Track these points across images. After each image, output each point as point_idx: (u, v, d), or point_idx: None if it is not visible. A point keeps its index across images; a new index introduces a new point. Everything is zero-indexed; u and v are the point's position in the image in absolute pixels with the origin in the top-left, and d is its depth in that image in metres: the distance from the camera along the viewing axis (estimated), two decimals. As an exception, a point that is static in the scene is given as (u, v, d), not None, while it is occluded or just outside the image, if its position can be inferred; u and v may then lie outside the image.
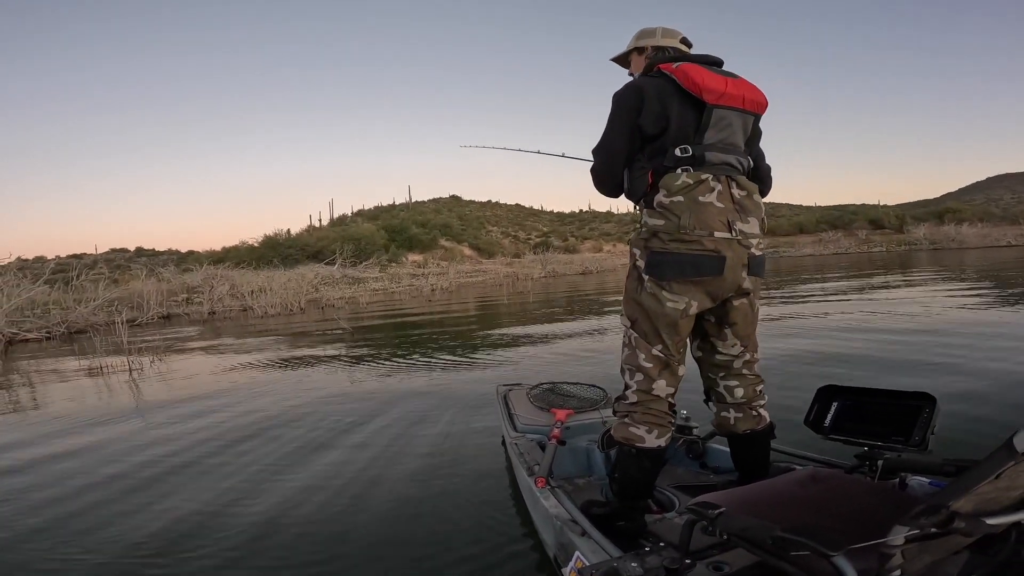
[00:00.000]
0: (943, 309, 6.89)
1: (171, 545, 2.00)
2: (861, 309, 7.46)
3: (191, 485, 2.58)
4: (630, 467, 1.53)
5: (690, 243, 1.43)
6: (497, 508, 2.15)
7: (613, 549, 1.29)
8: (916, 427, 1.43)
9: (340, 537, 2.00)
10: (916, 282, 11.15)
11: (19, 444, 3.51)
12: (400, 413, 3.63)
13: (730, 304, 1.53)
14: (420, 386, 4.48)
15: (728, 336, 1.59)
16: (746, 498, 1.25)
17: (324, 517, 2.17)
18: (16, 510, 2.42)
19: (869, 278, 12.98)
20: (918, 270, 14.79)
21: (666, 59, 1.58)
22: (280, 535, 2.03)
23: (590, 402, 2.58)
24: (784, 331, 5.99)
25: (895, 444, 1.46)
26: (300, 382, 4.95)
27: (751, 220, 1.50)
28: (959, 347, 4.54)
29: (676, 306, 1.46)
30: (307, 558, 1.87)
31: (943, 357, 4.23)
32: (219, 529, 2.10)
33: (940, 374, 3.74)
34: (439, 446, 2.94)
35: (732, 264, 1.45)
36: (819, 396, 1.73)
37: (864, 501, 1.24)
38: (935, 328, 5.57)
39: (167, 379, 5.59)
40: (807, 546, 0.87)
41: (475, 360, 5.60)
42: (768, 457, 1.72)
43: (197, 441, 3.28)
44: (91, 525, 2.20)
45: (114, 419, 3.97)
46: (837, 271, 16.52)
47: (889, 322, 6.14)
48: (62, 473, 2.87)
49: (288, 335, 9.12)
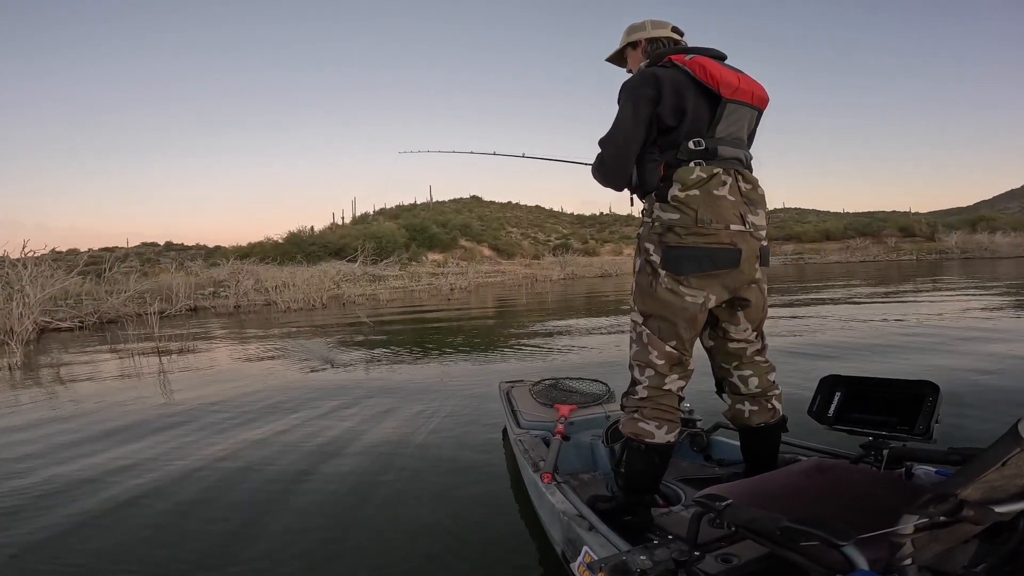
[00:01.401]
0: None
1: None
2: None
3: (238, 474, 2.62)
4: (638, 462, 1.52)
5: (707, 236, 1.43)
6: (499, 504, 2.16)
7: (621, 543, 1.29)
8: (920, 416, 1.42)
9: (344, 527, 2.02)
10: (925, 291, 10.82)
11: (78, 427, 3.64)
12: (404, 408, 3.66)
13: (742, 288, 1.53)
14: (429, 380, 4.54)
15: (741, 320, 1.58)
16: (752, 490, 1.25)
17: (327, 511, 2.16)
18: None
19: (879, 286, 12.62)
20: (937, 279, 14.24)
21: (675, 51, 1.58)
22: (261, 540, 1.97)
23: (593, 397, 2.58)
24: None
25: (899, 433, 1.45)
26: (309, 375, 5.05)
27: (759, 212, 1.52)
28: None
29: (695, 300, 1.46)
30: (306, 547, 1.88)
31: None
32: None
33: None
34: (440, 440, 2.95)
35: (747, 256, 1.46)
36: (822, 386, 1.71)
37: (871, 491, 1.23)
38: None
39: (195, 368, 5.76)
40: (816, 536, 0.87)
41: (486, 355, 5.66)
42: (777, 450, 1.71)
43: (225, 418, 3.40)
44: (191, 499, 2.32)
45: (152, 411, 4.10)
46: (844, 280, 15.91)
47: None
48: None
49: (309, 327, 9.31)
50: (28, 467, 2.79)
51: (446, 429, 3.13)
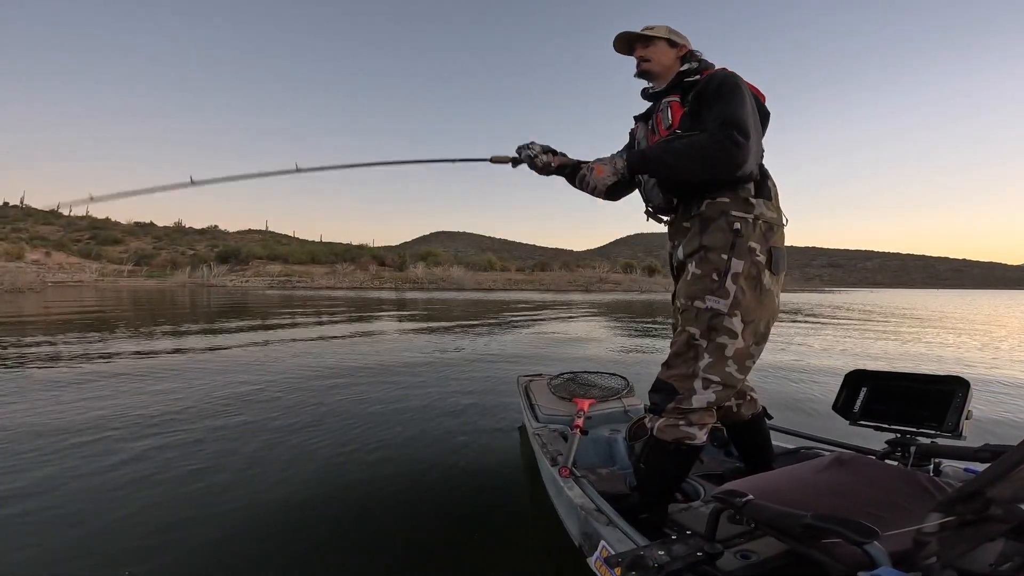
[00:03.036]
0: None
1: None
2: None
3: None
4: (669, 463, 1.50)
5: (783, 237, 1.52)
6: (517, 497, 2.17)
7: (639, 538, 1.29)
8: (949, 412, 1.40)
9: (364, 512, 2.02)
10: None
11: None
12: (419, 398, 3.72)
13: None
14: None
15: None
16: (772, 485, 1.24)
17: (346, 495, 2.17)
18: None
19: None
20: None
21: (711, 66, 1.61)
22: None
23: (612, 391, 2.57)
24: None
25: (927, 430, 1.43)
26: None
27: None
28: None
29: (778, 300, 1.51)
30: (333, 528, 1.90)
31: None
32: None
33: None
34: (456, 434, 2.97)
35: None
36: (847, 381, 1.70)
37: (896, 487, 1.22)
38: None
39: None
40: (839, 533, 0.86)
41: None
42: (770, 438, 1.75)
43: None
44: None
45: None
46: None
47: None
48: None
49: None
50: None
51: (461, 423, 3.16)
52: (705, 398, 1.45)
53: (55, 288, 28.25)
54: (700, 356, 1.45)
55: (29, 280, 26.25)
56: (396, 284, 39.51)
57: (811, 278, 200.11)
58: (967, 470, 1.39)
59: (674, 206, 1.63)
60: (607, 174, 1.57)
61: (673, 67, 1.65)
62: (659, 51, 1.66)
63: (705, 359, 1.45)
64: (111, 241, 67.04)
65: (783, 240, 1.52)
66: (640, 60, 1.69)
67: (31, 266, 37.45)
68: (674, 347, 1.52)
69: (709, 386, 1.44)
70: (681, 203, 1.60)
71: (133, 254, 57.56)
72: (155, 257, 57.50)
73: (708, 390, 1.45)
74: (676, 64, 1.65)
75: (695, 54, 1.66)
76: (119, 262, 51.71)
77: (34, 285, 25.69)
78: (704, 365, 1.45)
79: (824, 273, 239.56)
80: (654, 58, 1.66)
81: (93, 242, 64.82)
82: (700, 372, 1.45)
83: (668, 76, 1.65)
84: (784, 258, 1.50)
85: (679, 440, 1.47)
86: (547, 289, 39.89)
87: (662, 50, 1.66)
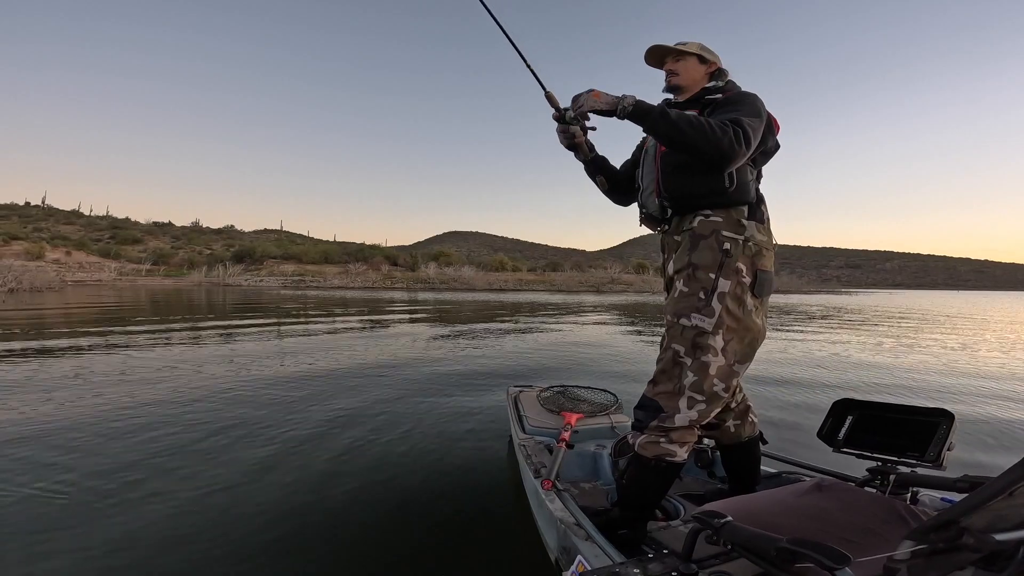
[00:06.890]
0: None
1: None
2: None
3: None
4: (650, 479, 1.49)
5: (772, 261, 1.51)
6: (498, 508, 2.14)
7: (616, 555, 1.27)
8: (932, 443, 1.42)
9: (342, 522, 2.00)
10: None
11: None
12: (403, 406, 3.72)
13: None
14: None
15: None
16: (751, 507, 1.23)
17: (324, 504, 2.15)
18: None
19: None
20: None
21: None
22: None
23: (600, 407, 2.56)
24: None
25: (909, 459, 1.45)
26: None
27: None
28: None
29: (762, 322, 1.50)
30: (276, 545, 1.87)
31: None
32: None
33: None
34: (446, 444, 2.95)
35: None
36: (834, 409, 1.72)
37: (872, 514, 1.21)
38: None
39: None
40: (812, 558, 0.85)
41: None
42: (760, 462, 1.75)
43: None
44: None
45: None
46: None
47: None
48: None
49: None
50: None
51: (443, 429, 3.16)
52: (688, 417, 1.44)
53: (74, 287, 28.90)
54: (685, 374, 1.45)
55: (49, 279, 26.93)
56: (408, 284, 40.33)
57: (828, 279, 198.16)
58: (944, 499, 1.39)
59: (667, 217, 1.61)
60: (602, 100, 1.47)
61: (701, 82, 1.66)
62: (689, 66, 1.66)
63: (690, 377, 1.45)
64: (130, 240, 69.12)
65: (772, 263, 1.50)
66: (669, 73, 1.69)
67: (51, 265, 38.45)
68: (660, 364, 1.51)
69: (694, 405, 1.44)
70: (675, 215, 1.59)
71: (151, 253, 59.22)
72: (173, 256, 59.13)
73: (692, 409, 1.44)
74: (704, 80, 1.66)
75: (724, 72, 1.66)
76: (137, 261, 53.18)
77: (53, 284, 26.35)
78: (689, 383, 1.44)
79: (842, 274, 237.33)
80: (683, 72, 1.66)
81: (113, 241, 66.75)
82: (686, 390, 1.45)
83: (694, 91, 1.66)
84: (770, 282, 1.49)
85: (659, 457, 1.46)
86: (558, 290, 39.99)
87: (692, 65, 1.66)
